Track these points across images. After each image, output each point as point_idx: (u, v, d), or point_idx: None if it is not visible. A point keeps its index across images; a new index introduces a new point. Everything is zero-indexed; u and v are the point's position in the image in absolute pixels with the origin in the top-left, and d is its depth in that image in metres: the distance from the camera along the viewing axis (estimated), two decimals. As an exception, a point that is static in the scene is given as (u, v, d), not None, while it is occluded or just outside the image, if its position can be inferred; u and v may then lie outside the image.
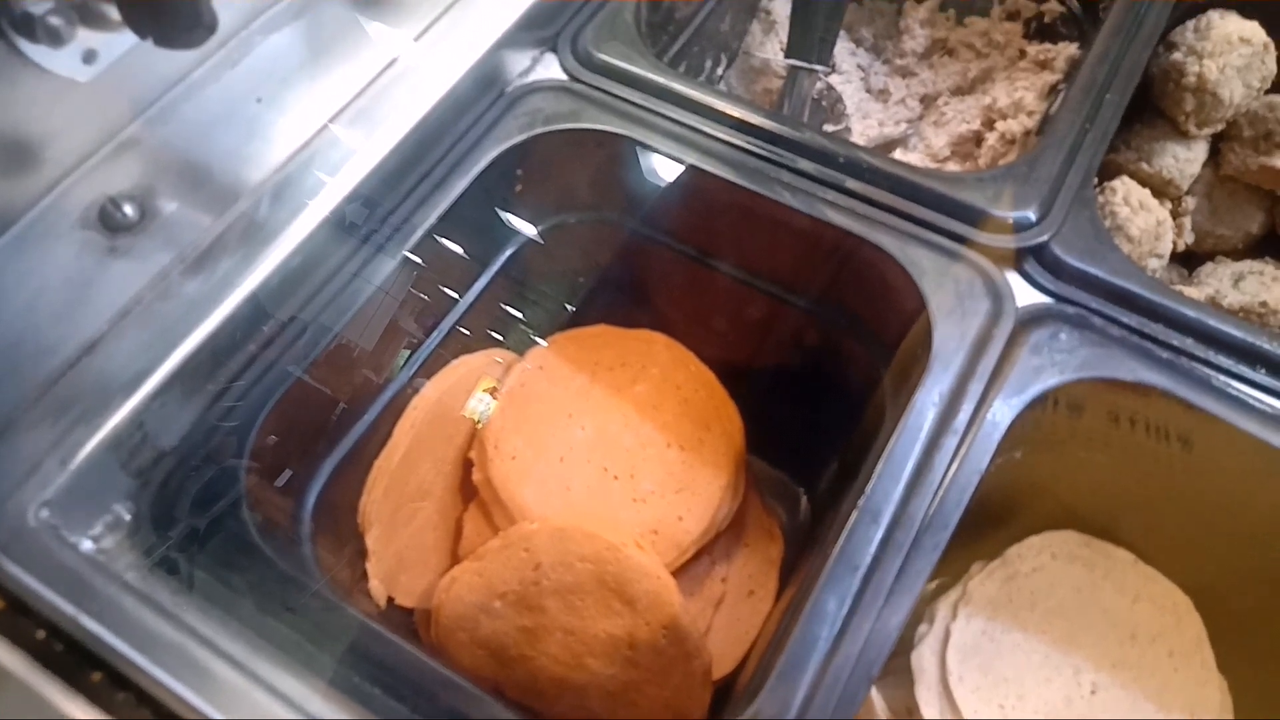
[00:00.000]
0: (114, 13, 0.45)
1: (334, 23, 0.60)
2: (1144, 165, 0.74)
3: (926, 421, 0.50)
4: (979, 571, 0.58)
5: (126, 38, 0.46)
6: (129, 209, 0.51)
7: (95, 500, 0.46)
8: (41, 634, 0.42)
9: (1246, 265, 0.76)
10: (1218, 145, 0.77)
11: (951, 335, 0.53)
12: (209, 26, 0.44)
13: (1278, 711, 0.56)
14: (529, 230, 0.69)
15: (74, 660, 0.42)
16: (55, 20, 0.44)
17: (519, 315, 0.71)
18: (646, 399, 0.66)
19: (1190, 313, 0.54)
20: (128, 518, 0.47)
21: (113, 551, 0.45)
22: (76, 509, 0.45)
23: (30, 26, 0.44)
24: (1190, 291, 0.74)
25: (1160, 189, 0.75)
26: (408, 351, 0.64)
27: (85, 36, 0.46)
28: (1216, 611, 0.57)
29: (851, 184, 0.59)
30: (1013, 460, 0.55)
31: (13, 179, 0.49)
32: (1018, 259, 0.56)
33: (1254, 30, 0.70)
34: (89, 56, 0.47)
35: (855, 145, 0.61)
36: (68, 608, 0.42)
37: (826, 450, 0.72)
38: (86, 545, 0.45)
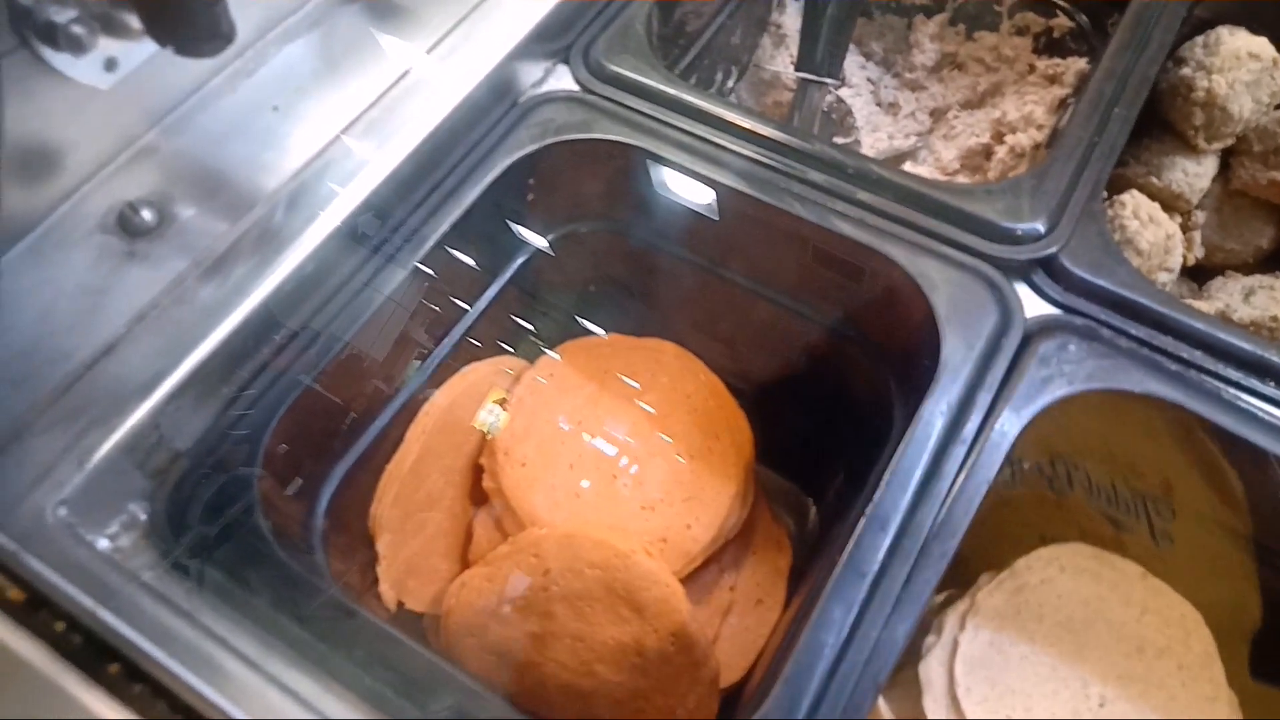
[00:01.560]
0: (135, 22, 0.45)
1: (348, 34, 0.61)
2: (1153, 179, 0.75)
3: (935, 431, 0.50)
4: (987, 583, 0.57)
5: (146, 46, 0.47)
6: (147, 214, 0.52)
7: (111, 500, 0.47)
8: (61, 626, 0.42)
9: (1257, 280, 0.76)
10: (1227, 160, 0.77)
11: (960, 346, 0.53)
12: (227, 36, 0.45)
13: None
14: (539, 240, 0.69)
15: (92, 652, 0.42)
16: (78, 29, 0.45)
17: (529, 325, 0.72)
18: (656, 408, 0.66)
19: (1199, 325, 0.54)
20: (143, 517, 0.47)
21: (128, 550, 0.46)
22: (93, 508, 0.46)
23: (53, 35, 0.45)
24: (1201, 306, 0.74)
25: (1170, 203, 0.75)
26: (418, 362, 0.64)
27: (106, 45, 0.47)
28: (1227, 626, 0.57)
29: (861, 195, 0.59)
30: (1021, 470, 0.55)
31: (34, 184, 0.49)
32: (1026, 270, 0.56)
33: (1263, 46, 0.71)
34: (110, 64, 0.48)
35: (865, 157, 0.61)
36: (86, 601, 0.42)
37: (835, 460, 0.72)
38: (103, 544, 0.45)
